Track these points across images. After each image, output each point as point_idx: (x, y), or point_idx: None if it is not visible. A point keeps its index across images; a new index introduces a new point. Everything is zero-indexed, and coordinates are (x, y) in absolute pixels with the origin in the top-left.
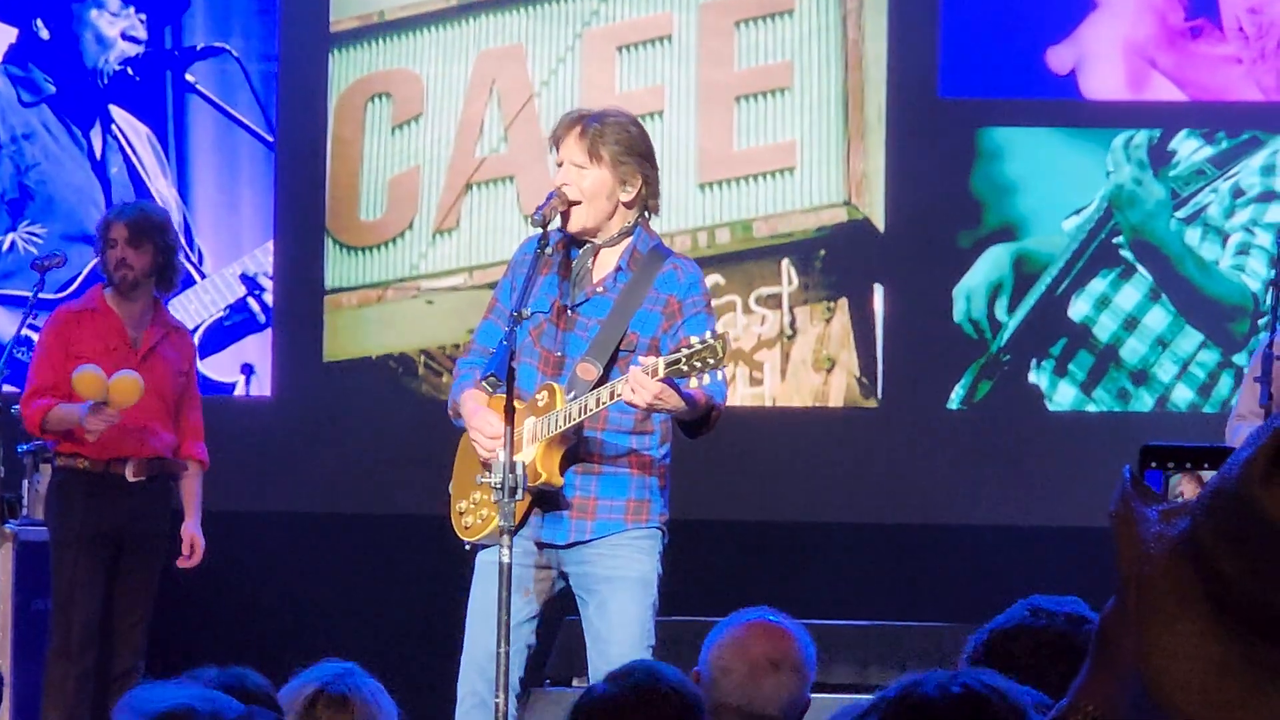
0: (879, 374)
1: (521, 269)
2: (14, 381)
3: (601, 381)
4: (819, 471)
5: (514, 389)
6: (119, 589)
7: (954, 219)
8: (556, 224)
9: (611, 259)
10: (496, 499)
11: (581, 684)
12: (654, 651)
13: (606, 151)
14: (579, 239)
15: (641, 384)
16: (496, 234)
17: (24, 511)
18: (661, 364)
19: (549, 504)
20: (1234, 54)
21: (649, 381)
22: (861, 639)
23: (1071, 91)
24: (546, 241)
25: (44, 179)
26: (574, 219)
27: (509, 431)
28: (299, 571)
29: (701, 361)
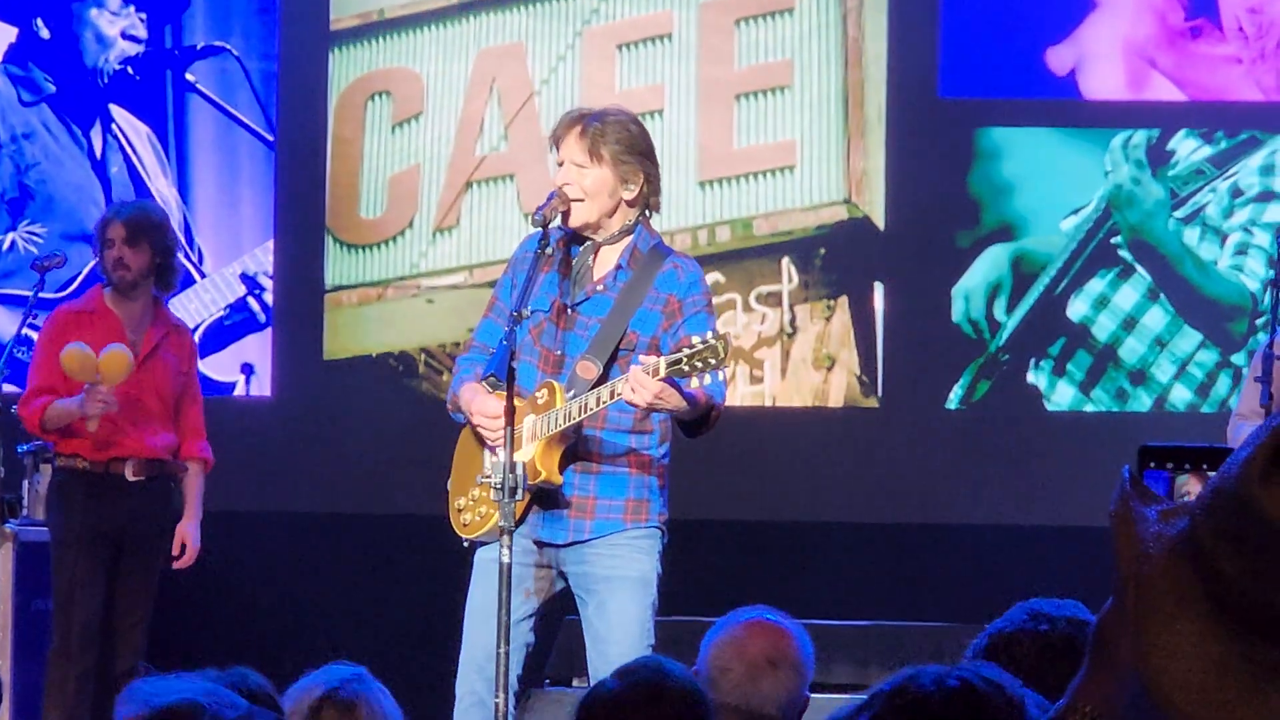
0: (879, 372)
1: (522, 267)
2: (14, 381)
3: (601, 380)
4: (819, 471)
5: (514, 387)
6: (119, 589)
7: (953, 219)
8: (557, 223)
9: (612, 257)
10: (496, 498)
11: (581, 684)
12: (653, 651)
13: (607, 150)
14: (579, 237)
15: (642, 384)
16: (497, 232)
17: (24, 511)
18: (662, 364)
19: (548, 503)
20: (1234, 54)
21: (649, 381)
22: (861, 638)
23: (1071, 91)
24: (547, 241)
25: (44, 178)
26: (575, 214)
27: (509, 431)
28: (299, 571)
29: (703, 361)
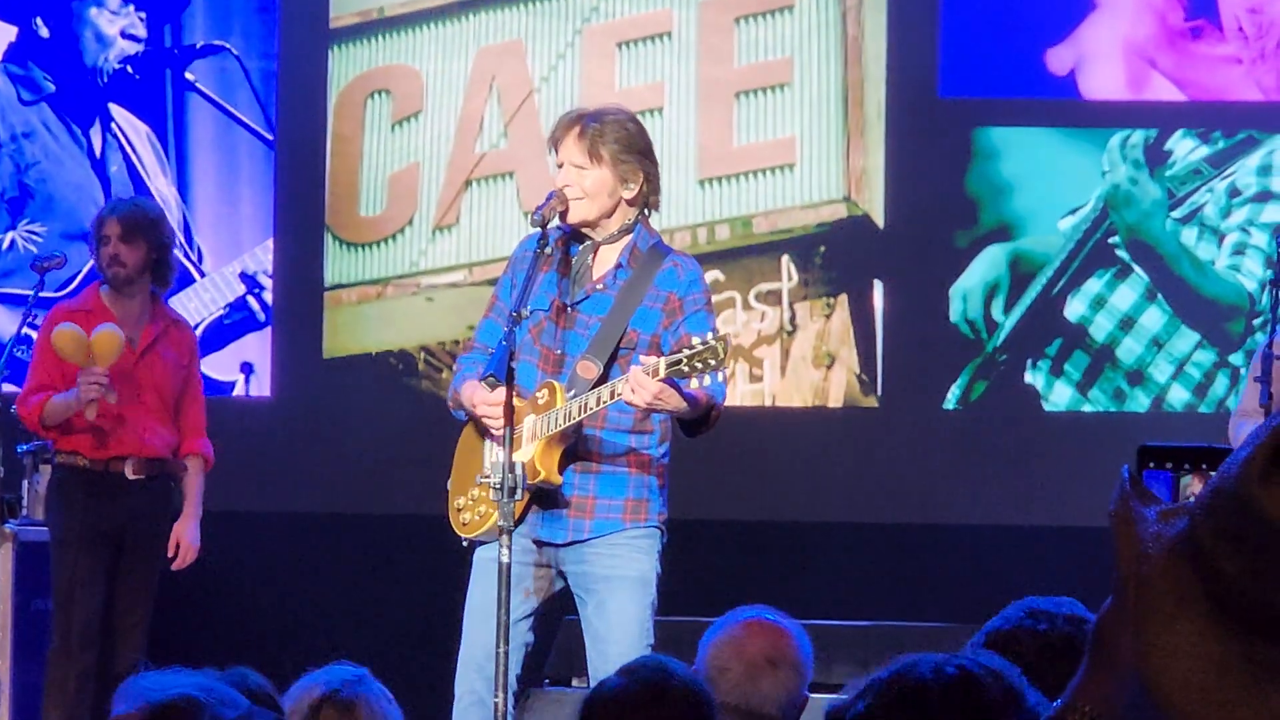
0: (879, 371)
1: (521, 266)
2: (14, 381)
3: (602, 379)
4: (818, 471)
5: (514, 387)
6: (119, 588)
7: (951, 218)
8: (556, 222)
9: (611, 256)
10: (495, 498)
11: (581, 684)
12: (653, 651)
13: (606, 151)
14: (579, 236)
15: (641, 384)
16: (496, 230)
17: (24, 511)
18: (662, 364)
19: (547, 502)
20: (1234, 54)
21: (649, 381)
22: (860, 638)
23: (1071, 92)
24: (546, 240)
25: (44, 177)
26: (574, 211)
27: (509, 431)
28: (299, 571)
29: (703, 362)
